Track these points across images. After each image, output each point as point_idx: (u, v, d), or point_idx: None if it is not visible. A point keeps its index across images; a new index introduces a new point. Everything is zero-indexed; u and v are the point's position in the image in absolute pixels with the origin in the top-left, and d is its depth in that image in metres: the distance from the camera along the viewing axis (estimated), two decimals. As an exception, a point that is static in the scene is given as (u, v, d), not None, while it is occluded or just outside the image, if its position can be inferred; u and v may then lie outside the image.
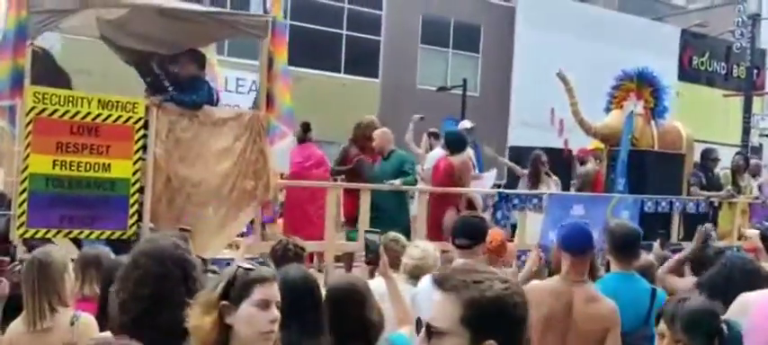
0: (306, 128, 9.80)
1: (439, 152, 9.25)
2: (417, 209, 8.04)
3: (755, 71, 27.49)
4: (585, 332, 3.89)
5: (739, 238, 9.44)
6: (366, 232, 4.73)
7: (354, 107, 21.74)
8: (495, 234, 5.89)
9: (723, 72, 29.38)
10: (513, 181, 10.61)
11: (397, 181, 7.79)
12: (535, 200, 8.30)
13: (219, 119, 6.62)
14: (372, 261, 4.44)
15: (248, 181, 6.70)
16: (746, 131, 25.10)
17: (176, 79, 6.75)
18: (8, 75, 5.83)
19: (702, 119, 27.07)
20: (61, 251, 4.22)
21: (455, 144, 8.57)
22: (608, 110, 10.25)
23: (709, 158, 10.52)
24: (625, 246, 4.53)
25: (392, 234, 5.27)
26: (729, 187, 10.01)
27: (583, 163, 10.89)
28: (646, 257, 5.47)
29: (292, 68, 24.37)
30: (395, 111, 19.36)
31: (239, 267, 2.54)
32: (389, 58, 25.08)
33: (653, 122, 9.99)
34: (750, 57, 26.20)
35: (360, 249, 6.51)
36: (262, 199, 6.80)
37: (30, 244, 5.55)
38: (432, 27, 25.85)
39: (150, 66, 7.14)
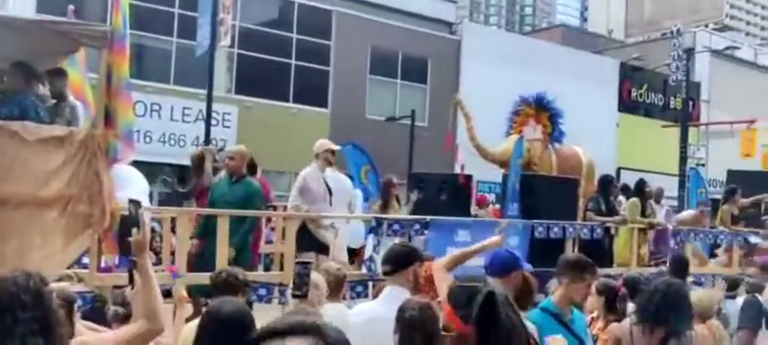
0: None
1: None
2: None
3: (691, 103, 27.28)
4: None
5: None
6: (297, 263, 3.86)
7: (304, 136, 20.92)
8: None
9: (660, 103, 29.12)
10: None
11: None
12: (417, 226, 7.50)
13: (48, 138, 5.76)
14: (305, 295, 3.65)
15: (82, 206, 5.84)
16: (684, 160, 24.63)
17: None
18: None
19: (642, 149, 26.69)
20: None
21: None
22: (508, 135, 9.54)
23: (608, 184, 9.74)
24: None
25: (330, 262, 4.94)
26: (624, 213, 9.20)
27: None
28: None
29: (242, 97, 23.25)
30: (345, 141, 18.53)
31: None
32: (339, 88, 24.32)
33: (551, 147, 9.27)
34: (686, 90, 26.06)
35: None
36: (98, 227, 5.92)
37: None
38: (380, 58, 25.16)
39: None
